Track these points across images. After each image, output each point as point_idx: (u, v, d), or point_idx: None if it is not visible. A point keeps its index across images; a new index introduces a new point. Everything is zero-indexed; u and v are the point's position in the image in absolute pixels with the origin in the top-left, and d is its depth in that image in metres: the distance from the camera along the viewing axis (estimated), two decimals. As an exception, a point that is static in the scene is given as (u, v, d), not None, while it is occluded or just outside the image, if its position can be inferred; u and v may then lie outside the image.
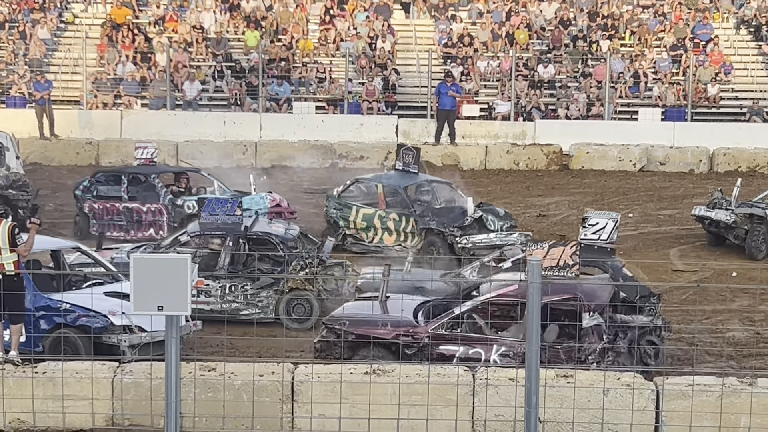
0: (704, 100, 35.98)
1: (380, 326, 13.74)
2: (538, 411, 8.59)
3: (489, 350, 13.49)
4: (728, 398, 12.07)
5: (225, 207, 17.35)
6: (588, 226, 15.54)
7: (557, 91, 36.26)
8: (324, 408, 11.87)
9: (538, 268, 8.91)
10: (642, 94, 36.37)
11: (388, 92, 36.09)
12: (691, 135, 32.80)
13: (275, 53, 37.28)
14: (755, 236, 21.54)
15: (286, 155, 31.09)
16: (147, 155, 22.73)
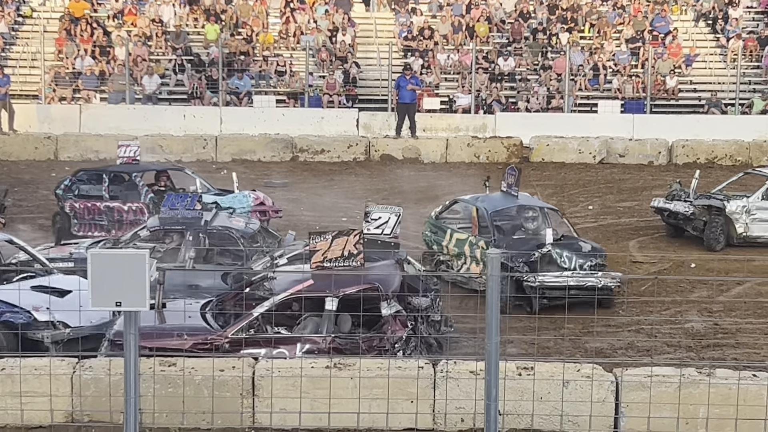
0: (663, 93, 36.21)
1: (175, 336, 13.11)
2: (497, 403, 8.61)
3: (293, 349, 13.22)
4: (687, 389, 12.16)
5: (185, 201, 17.27)
6: (371, 220, 15.56)
7: (517, 83, 36.38)
8: (285, 402, 11.86)
9: (497, 261, 8.93)
10: (601, 87, 36.56)
11: (348, 85, 36.07)
12: (650, 127, 33.01)
13: (235, 47, 37.18)
14: (714, 228, 21.69)
15: (246, 149, 31.04)
16: (130, 153, 22.09)
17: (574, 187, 27.92)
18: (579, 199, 26.44)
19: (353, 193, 26.51)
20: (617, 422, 12.21)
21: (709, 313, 17.14)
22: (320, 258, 13.59)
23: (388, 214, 15.75)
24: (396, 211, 15.90)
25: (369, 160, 31.05)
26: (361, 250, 13.69)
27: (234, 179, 22.21)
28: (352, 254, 13.63)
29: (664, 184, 25.14)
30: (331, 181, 28.03)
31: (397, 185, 27.77)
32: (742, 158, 30.94)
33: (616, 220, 24.24)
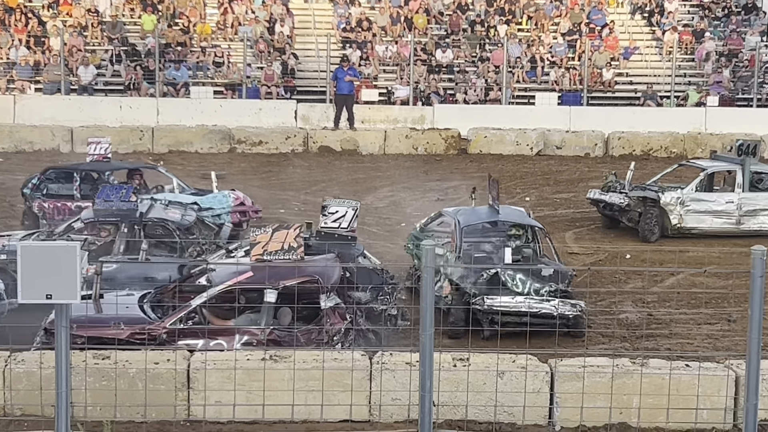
0: (599, 85, 36.46)
1: (112, 326, 13.03)
2: (432, 395, 8.63)
3: (231, 340, 13.23)
4: (620, 379, 12.26)
5: (120, 193, 17.12)
6: (328, 214, 15.58)
7: (455, 75, 36.46)
8: (220, 395, 11.80)
9: (431, 253, 8.94)
10: (539, 79, 36.74)
11: (286, 77, 35.96)
12: (587, 119, 33.24)
13: (172, 37, 36.92)
14: (648, 219, 21.90)
15: (183, 140, 30.85)
16: (100, 151, 21.03)
17: (512, 178, 28.04)
18: (516, 191, 26.57)
19: (291, 185, 26.45)
20: (552, 412, 12.28)
21: (643, 304, 17.29)
22: (260, 251, 13.55)
23: (345, 208, 15.70)
24: (353, 205, 15.85)
25: (307, 151, 30.99)
26: (301, 244, 13.67)
27: (213, 178, 21.53)
28: (293, 247, 13.60)
29: (600, 176, 25.30)
30: (269, 173, 27.95)
31: (335, 177, 27.75)
32: (677, 150, 31.25)
33: (552, 211, 24.39)
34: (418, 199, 25.19)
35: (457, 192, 26.29)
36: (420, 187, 26.54)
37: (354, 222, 15.63)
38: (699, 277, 18.95)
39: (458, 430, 11.23)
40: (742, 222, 22.10)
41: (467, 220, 17.34)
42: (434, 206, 24.50)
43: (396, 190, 26.20)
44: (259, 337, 13.26)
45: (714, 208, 22.02)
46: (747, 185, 22.20)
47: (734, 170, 22.44)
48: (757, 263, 8.72)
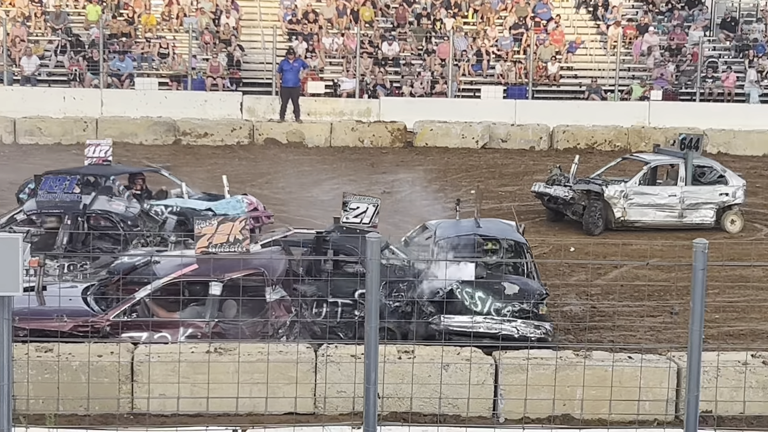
0: (545, 79, 36.65)
1: (55, 318, 13.00)
2: (377, 387, 8.63)
3: (175, 333, 13.20)
4: (564, 371, 12.35)
5: (63, 185, 16.97)
6: (349, 209, 15.56)
7: (401, 68, 36.48)
8: (165, 388, 11.76)
9: (377, 245, 8.95)
10: (484, 72, 36.86)
11: (232, 68, 35.82)
12: (532, 113, 33.39)
13: (117, 28, 36.65)
14: (592, 212, 22.06)
15: (128, 132, 30.64)
16: (100, 153, 19.53)
17: (457, 171, 28.12)
18: (462, 184, 26.64)
19: (236, 177, 26.31)
20: (496, 404, 12.35)
21: (587, 297, 17.41)
22: (205, 243, 13.50)
23: (366, 204, 15.64)
24: (374, 201, 15.78)
25: (253, 143, 30.89)
26: (246, 236, 13.63)
27: (225, 183, 20.35)
28: (238, 240, 13.56)
29: (545, 169, 25.46)
30: (215, 165, 27.81)
31: (281, 169, 27.69)
32: (621, 144, 31.48)
33: (497, 204, 24.47)
34: (365, 191, 25.16)
35: (402, 185, 26.35)
36: (366, 180, 26.55)
37: (375, 217, 15.57)
38: (642, 269, 19.12)
39: (403, 422, 11.25)
40: (684, 215, 22.32)
41: (444, 233, 16.60)
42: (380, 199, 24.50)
43: (342, 182, 26.17)
44: (203, 329, 13.22)
45: (657, 201, 22.23)
46: (689, 179, 22.42)
47: (677, 164, 22.65)
48: (698, 256, 8.80)
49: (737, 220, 22.60)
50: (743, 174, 24.19)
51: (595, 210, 22.08)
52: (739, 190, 22.64)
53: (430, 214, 23.55)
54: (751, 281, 18.69)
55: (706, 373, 12.00)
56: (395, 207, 24.16)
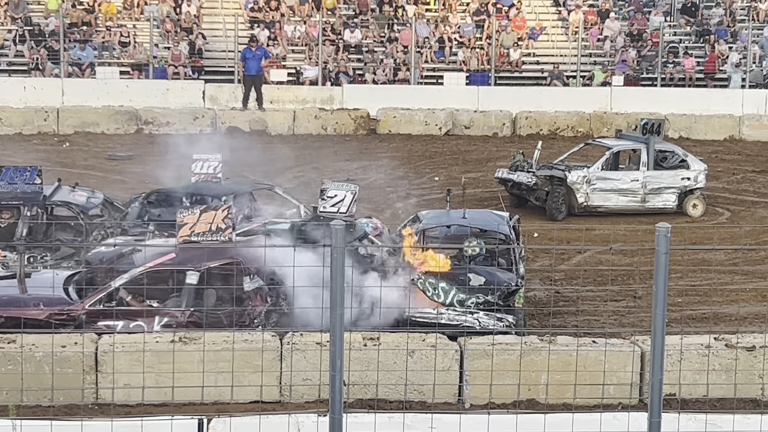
0: (507, 65, 36.69)
1: (32, 306, 13.01)
2: (342, 374, 8.63)
3: (151, 322, 13.18)
4: (529, 356, 12.41)
5: (24, 175, 16.85)
6: (327, 198, 15.45)
7: (364, 55, 36.43)
8: (129, 378, 11.73)
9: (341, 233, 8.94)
10: (447, 59, 36.87)
11: (194, 57, 35.64)
12: (495, 99, 33.42)
13: (77, 17, 36.37)
14: (555, 198, 22.14)
15: (89, 121, 30.44)
16: (208, 169, 18.23)
17: (421, 158, 28.14)
18: (425, 171, 26.68)
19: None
20: (461, 390, 12.39)
21: (550, 282, 17.49)
22: (188, 232, 13.44)
23: (344, 192, 15.51)
24: (352, 189, 15.65)
25: (215, 132, 30.72)
26: (229, 225, 13.58)
27: None
28: (221, 229, 13.51)
29: (508, 155, 25.51)
30: (177, 154, 27.60)
31: (244, 158, 27.56)
32: (584, 129, 31.59)
33: (461, 191, 24.48)
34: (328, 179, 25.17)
35: (366, 172, 26.34)
36: (329, 168, 26.51)
37: (353, 206, 15.45)
38: (605, 254, 19.22)
39: (369, 409, 11.26)
40: (647, 200, 22.44)
41: (428, 223, 16.53)
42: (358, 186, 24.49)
43: (305, 170, 26.15)
44: (179, 319, 13.18)
45: (619, 186, 22.34)
46: (651, 164, 22.54)
47: (639, 149, 22.77)
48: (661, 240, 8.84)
49: (699, 205, 22.74)
50: (705, 158, 24.38)
51: (558, 195, 22.16)
52: (701, 175, 22.79)
53: (393, 201, 23.63)
54: (713, 265, 18.83)
55: (670, 357, 12.10)
56: (359, 194, 24.11)
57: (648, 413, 8.62)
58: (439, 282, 14.30)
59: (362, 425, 9.51)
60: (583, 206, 22.22)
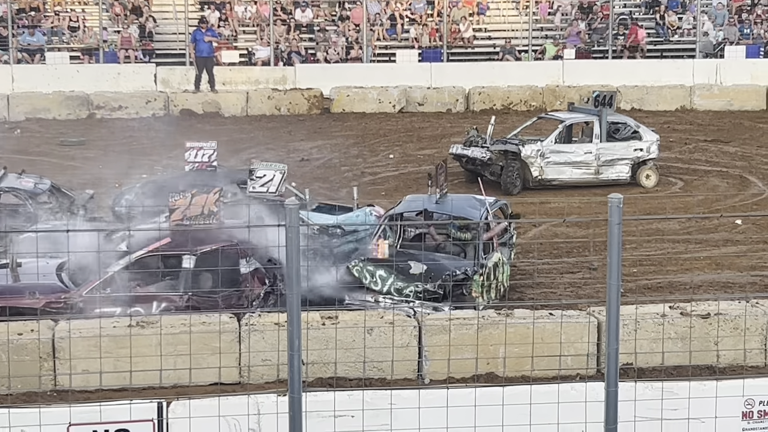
0: (459, 41, 36.71)
1: (28, 295, 13.04)
2: (300, 353, 8.64)
3: (149, 307, 13.26)
4: (486, 330, 12.49)
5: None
6: (256, 178, 15.40)
7: (316, 34, 36.32)
8: (87, 363, 11.69)
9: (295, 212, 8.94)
10: (399, 37, 36.82)
11: (144, 40, 35.40)
12: (448, 75, 33.44)
13: (25, 2, 36.02)
14: (510, 172, 22.22)
15: (40, 107, 30.17)
16: (203, 158, 17.82)
17: (375, 136, 28.14)
18: (380, 149, 26.68)
19: (153, 150, 26.11)
20: (421, 366, 12.45)
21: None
22: (179, 216, 13.41)
23: (273, 172, 15.44)
24: (281, 169, 15.61)
25: (168, 115, 30.57)
26: (220, 208, 13.56)
27: (354, 194, 18.04)
28: (212, 212, 13.49)
29: (462, 131, 25.55)
30: (130, 138, 27.56)
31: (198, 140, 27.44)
32: (536, 103, 31.66)
33: (416, 168, 24.56)
34: (283, 159, 25.04)
35: (321, 152, 26.32)
36: (284, 148, 26.47)
37: (282, 186, 15.42)
38: (560, 227, 19.33)
39: (329, 387, 11.30)
40: (600, 172, 22.57)
41: (401, 207, 16.17)
42: (299, 166, 24.48)
43: (260, 151, 26.07)
44: (177, 303, 13.17)
45: (573, 159, 22.45)
46: (604, 136, 22.66)
47: (592, 121, 22.88)
48: (613, 211, 8.90)
49: (652, 175, 22.90)
50: (657, 129, 24.53)
51: (512, 170, 22.24)
52: (653, 145, 22.95)
53: (349, 180, 23.64)
54: (667, 234, 18.99)
55: (626, 327, 12.22)
56: (314, 174, 24.16)
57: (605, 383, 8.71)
58: (377, 269, 14.18)
59: (322, 403, 9.54)
60: (537, 180, 22.32)
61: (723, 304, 13.24)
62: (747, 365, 12.72)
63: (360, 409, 9.56)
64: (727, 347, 12.68)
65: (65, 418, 8.96)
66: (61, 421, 8.93)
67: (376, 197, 21.58)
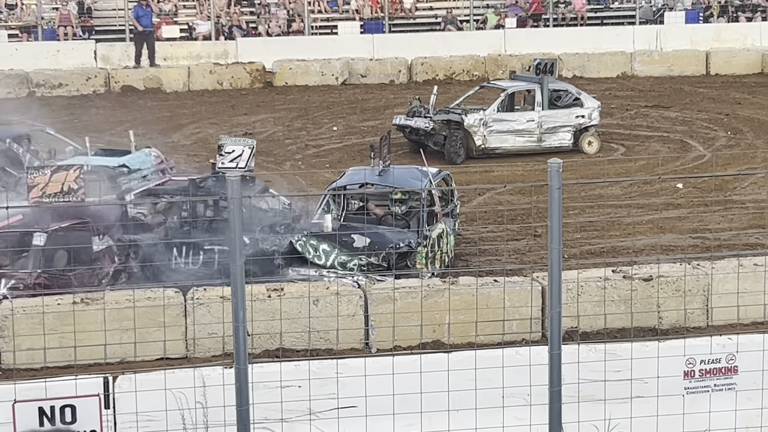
0: (401, 12, 36.69)
1: None
2: (245, 325, 8.66)
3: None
4: (432, 298, 12.56)
5: None
6: (224, 153, 15.36)
7: (257, 8, 36.17)
8: (32, 341, 11.62)
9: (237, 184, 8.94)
10: (340, 9, 36.75)
11: (83, 16, 35.08)
12: (390, 47, 33.44)
13: (-40, -20, 35.60)
14: (453, 141, 22.29)
15: (-22, 86, 29.87)
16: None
17: (318, 109, 28.10)
18: (323, 121, 26.66)
19: (95, 127, 25.91)
20: (368, 334, 12.50)
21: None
22: (39, 193, 13.23)
23: (242, 147, 15.32)
24: (249, 144, 15.47)
25: (109, 92, 30.35)
26: (81, 185, 13.38)
27: (131, 137, 18.57)
28: (72, 189, 13.31)
29: (405, 102, 25.58)
30: (71, 116, 27.31)
31: (140, 116, 27.31)
32: (479, 73, 31.74)
33: (360, 139, 24.57)
34: (227, 134, 25.05)
35: (264, 125, 26.25)
36: (227, 122, 26.39)
37: (251, 161, 15.32)
38: (504, 194, 19.43)
39: (275, 358, 11.31)
40: (543, 140, 22.70)
41: (344, 180, 16.03)
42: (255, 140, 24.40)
43: (203, 126, 26.00)
44: (26, 281, 13.02)
45: (516, 127, 22.55)
46: (546, 103, 22.78)
47: (533, 89, 22.98)
48: (553, 176, 8.97)
49: (594, 142, 23.07)
50: (598, 96, 24.69)
51: (455, 139, 22.31)
52: (595, 112, 23.10)
53: (293, 153, 23.63)
54: (609, 200, 19.16)
55: (569, 291, 12.33)
56: (258, 147, 23.90)
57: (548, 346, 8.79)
58: (321, 243, 14.08)
59: (268, 374, 9.54)
60: (480, 149, 22.41)
61: (665, 266, 13.39)
62: (689, 326, 12.89)
63: (307, 379, 9.59)
64: (669, 309, 12.84)
65: (10, 396, 8.90)
66: (6, 399, 8.87)
67: (320, 169, 21.59)
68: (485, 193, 19.53)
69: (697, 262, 13.67)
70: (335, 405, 9.64)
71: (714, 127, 25.40)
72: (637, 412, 9.74)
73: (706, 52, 32.54)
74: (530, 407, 9.60)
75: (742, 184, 20.19)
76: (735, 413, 9.83)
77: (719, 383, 10.04)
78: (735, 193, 19.66)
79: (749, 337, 10.18)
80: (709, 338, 10.18)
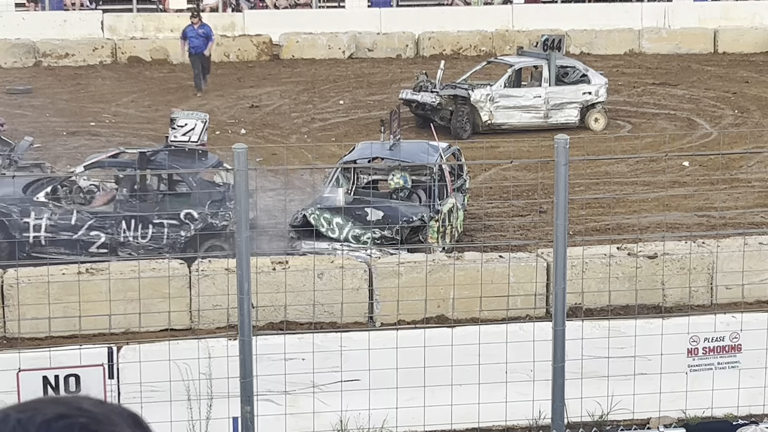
0: (409, -14, 36.56)
1: None
2: (250, 297, 8.69)
3: None
4: (437, 273, 12.56)
5: None
6: (177, 127, 15.33)
7: (264, -20, 36.06)
8: (37, 310, 11.65)
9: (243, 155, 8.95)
10: (348, -18, 36.62)
11: (91, -14, 34.99)
12: (397, 21, 33.32)
13: (-33, -51, 35.46)
14: (459, 116, 22.26)
15: (-15, 55, 29.82)
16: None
17: (325, 82, 28.05)
18: (330, 95, 26.61)
19: (101, 97, 25.95)
20: (372, 308, 12.52)
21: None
22: None
23: (195, 121, 15.32)
24: (202, 118, 15.48)
25: (116, 62, 30.31)
26: None
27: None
28: None
29: (412, 77, 25.52)
30: (78, 86, 27.31)
31: (147, 87, 27.31)
32: (486, 48, 31.66)
33: (366, 113, 24.54)
34: (232, 106, 25.07)
35: (271, 98, 26.21)
36: (233, 95, 26.37)
37: (204, 135, 15.32)
38: (510, 170, 19.42)
39: (279, 331, 11.34)
40: (549, 116, 22.66)
41: (354, 154, 15.94)
42: (248, 113, 24.41)
43: (209, 98, 25.96)
44: None
45: (522, 103, 22.51)
46: (553, 79, 22.73)
47: (540, 65, 22.93)
48: (560, 152, 8.99)
49: (601, 118, 23.03)
50: (605, 72, 24.64)
51: (462, 114, 22.28)
52: (602, 89, 23.05)
53: (299, 126, 23.61)
54: (615, 177, 19.15)
55: (574, 268, 12.32)
56: (264, 120, 24.10)
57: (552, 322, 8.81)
58: (334, 217, 14.13)
59: (272, 347, 9.58)
60: (487, 124, 22.38)
61: (669, 244, 13.39)
62: (693, 304, 12.90)
63: (310, 352, 9.62)
64: (673, 286, 12.84)
65: (14, 364, 8.95)
66: (11, 367, 8.92)
67: (326, 143, 21.58)
68: (491, 169, 19.52)
69: (702, 240, 13.66)
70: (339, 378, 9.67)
71: (721, 105, 25.35)
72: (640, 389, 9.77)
73: (714, 30, 32.42)
74: (533, 383, 9.63)
75: (749, 162, 20.16)
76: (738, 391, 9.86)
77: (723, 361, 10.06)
78: (741, 172, 19.63)
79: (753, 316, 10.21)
80: (713, 316, 10.20)
